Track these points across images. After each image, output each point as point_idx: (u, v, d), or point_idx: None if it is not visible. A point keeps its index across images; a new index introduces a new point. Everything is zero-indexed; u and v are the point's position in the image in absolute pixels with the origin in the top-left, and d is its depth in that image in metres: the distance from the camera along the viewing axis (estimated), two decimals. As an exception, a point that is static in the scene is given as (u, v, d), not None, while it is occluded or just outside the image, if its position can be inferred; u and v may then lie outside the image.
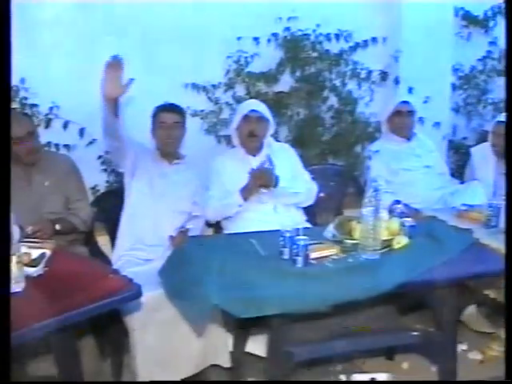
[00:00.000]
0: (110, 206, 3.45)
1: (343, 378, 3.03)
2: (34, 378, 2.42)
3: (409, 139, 4.13)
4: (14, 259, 2.09)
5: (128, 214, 3.30)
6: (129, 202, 3.32)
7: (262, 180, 3.35)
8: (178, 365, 2.79)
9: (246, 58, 4.23)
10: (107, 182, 4.03)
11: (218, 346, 2.87)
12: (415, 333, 2.68)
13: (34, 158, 3.13)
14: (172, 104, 3.42)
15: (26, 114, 3.51)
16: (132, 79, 2.88)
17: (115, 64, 2.85)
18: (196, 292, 2.31)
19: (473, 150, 4.18)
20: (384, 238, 2.65)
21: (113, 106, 2.97)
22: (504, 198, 2.58)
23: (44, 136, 3.48)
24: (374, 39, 4.53)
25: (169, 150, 3.38)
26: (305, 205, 3.54)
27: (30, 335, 1.92)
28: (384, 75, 4.63)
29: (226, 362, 2.91)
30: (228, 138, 4.06)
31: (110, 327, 2.89)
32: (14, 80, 3.66)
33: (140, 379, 2.73)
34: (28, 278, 2.20)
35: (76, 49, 3.82)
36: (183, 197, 3.36)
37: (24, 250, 2.30)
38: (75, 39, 3.82)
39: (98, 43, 3.79)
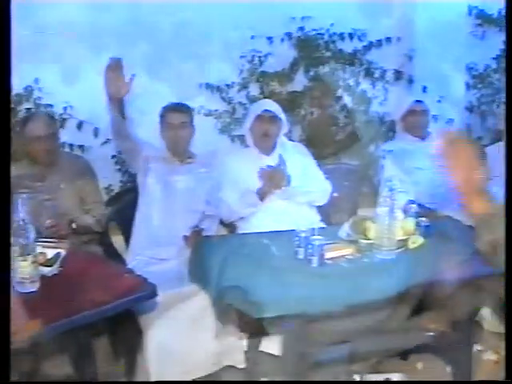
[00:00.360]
0: (124, 205, 3.46)
1: (357, 378, 3.02)
2: (42, 377, 2.43)
3: (423, 138, 4.10)
4: (29, 259, 2.11)
5: (142, 213, 3.31)
6: (142, 202, 3.33)
7: (274, 180, 3.34)
8: (192, 365, 2.78)
9: (260, 57, 4.24)
10: (121, 181, 4.05)
11: (232, 346, 2.86)
12: (430, 333, 2.68)
13: (52, 158, 3.16)
14: (178, 103, 3.40)
15: (50, 115, 3.52)
16: (134, 75, 2.90)
17: (114, 65, 2.88)
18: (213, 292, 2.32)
19: (488, 149, 4.15)
20: (399, 238, 2.64)
21: (118, 106, 2.99)
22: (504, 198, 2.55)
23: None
24: (388, 39, 4.53)
25: (178, 149, 3.37)
26: (319, 204, 3.52)
27: (44, 335, 1.92)
28: (398, 74, 4.62)
29: (240, 362, 2.89)
30: (242, 138, 4.05)
31: (123, 327, 2.89)
32: (28, 80, 3.69)
33: (153, 379, 2.73)
34: (43, 278, 2.21)
35: (87, 50, 3.83)
36: (196, 196, 3.35)
37: (39, 249, 2.31)
38: (87, 40, 3.83)
39: (110, 43, 3.80)
